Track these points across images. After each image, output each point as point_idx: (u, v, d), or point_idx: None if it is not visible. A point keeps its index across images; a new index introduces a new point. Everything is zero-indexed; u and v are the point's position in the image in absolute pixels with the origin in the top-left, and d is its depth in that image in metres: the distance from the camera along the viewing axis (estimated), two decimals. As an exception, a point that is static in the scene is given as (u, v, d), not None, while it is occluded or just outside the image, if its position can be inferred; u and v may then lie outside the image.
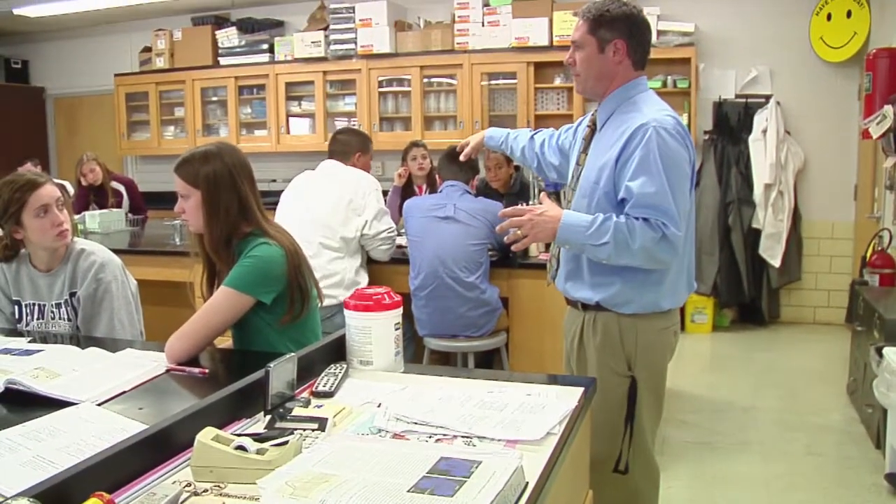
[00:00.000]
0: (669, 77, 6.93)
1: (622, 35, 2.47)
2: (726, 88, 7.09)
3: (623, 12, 2.47)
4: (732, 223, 6.86)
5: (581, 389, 1.97)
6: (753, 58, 7.05)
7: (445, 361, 4.53)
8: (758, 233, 6.85)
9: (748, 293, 6.92)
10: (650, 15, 6.81)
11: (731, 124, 7.01)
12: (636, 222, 2.34)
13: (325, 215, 4.19)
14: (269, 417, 1.76)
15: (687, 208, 2.44)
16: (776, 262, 6.83)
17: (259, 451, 1.48)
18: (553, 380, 2.14)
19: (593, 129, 2.64)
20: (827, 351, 6.24)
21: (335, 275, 4.11)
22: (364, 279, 4.29)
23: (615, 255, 2.36)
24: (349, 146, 4.52)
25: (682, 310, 6.67)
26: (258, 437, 1.55)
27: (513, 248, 2.55)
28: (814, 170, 7.04)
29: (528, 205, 2.78)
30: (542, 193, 2.58)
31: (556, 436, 1.67)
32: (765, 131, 6.80)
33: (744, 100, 7.00)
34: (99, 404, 1.98)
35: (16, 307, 3.06)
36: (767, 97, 6.93)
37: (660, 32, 6.87)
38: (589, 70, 2.53)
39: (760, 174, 6.77)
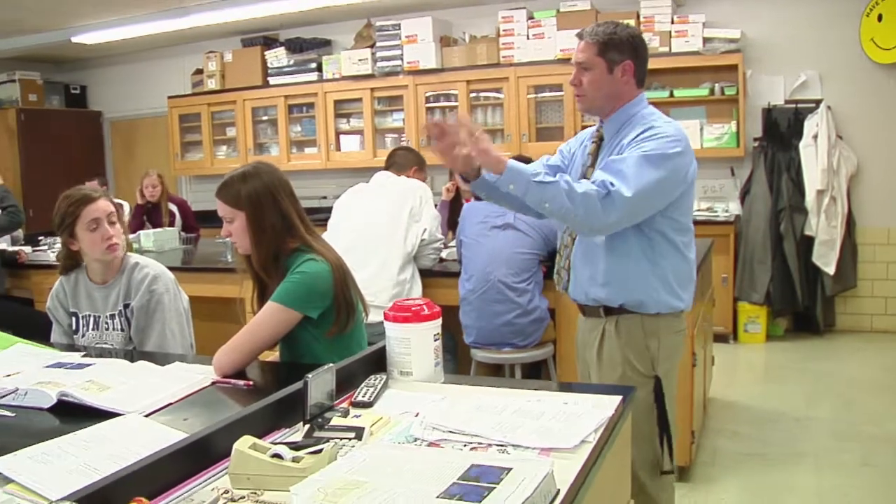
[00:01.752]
0: (717, 85, 6.87)
1: (630, 56, 2.58)
2: (775, 94, 7.01)
3: (629, 34, 2.60)
4: (784, 231, 6.76)
5: (619, 398, 1.95)
6: (802, 62, 6.95)
7: (493, 374, 4.53)
8: (811, 240, 6.74)
9: (802, 301, 6.80)
10: (695, 23, 6.82)
11: (781, 130, 6.91)
12: (585, 180, 2.49)
13: (387, 227, 4.30)
14: (307, 427, 1.80)
15: (657, 205, 2.51)
16: (830, 270, 6.71)
17: (295, 459, 1.51)
18: (591, 388, 2.14)
19: (599, 143, 2.72)
20: (885, 360, 6.13)
21: (397, 285, 4.22)
22: (419, 289, 4.37)
23: (558, 198, 2.36)
24: (407, 160, 4.75)
25: (735, 319, 6.70)
26: (294, 446, 1.59)
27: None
28: (867, 174, 6.91)
29: None
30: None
31: (591, 444, 1.67)
32: (815, 136, 6.70)
33: (793, 105, 6.91)
34: (146, 415, 2.04)
35: (73, 319, 3.16)
36: (818, 102, 6.83)
37: (706, 40, 6.84)
38: (598, 91, 2.61)
39: (812, 180, 6.66)
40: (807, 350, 6.61)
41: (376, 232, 4.30)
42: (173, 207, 7.40)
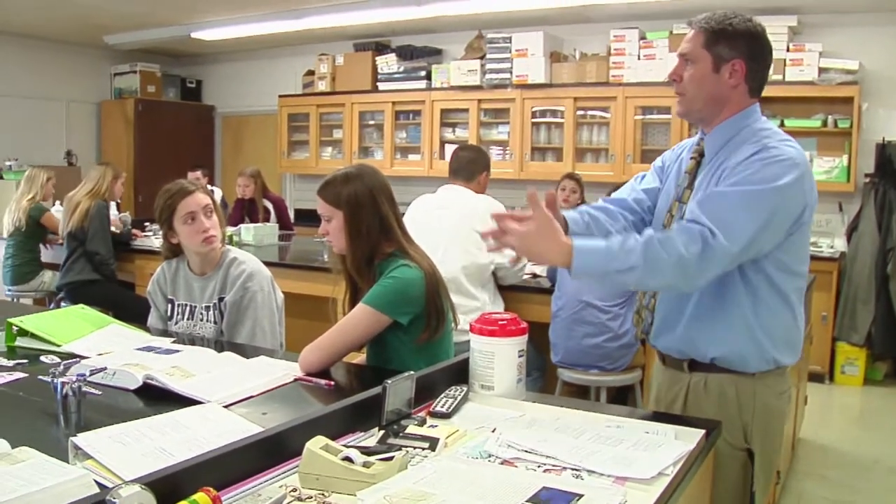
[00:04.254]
0: (830, 116, 6.64)
1: (742, 55, 2.10)
2: (891, 129, 6.70)
3: (747, 28, 2.11)
4: (891, 271, 6.48)
5: (702, 432, 1.88)
6: (923, 98, 6.66)
7: (579, 396, 4.47)
8: (919, 282, 6.46)
9: (905, 346, 6.53)
10: (811, 52, 6.61)
11: (895, 168, 6.63)
12: (671, 232, 1.98)
13: (453, 249, 3.97)
14: (382, 433, 1.80)
15: (765, 248, 2.03)
16: (938, 315, 6.42)
17: (365, 464, 1.51)
18: (675, 419, 2.06)
19: (700, 159, 2.24)
20: None
21: (475, 311, 3.89)
22: (500, 306, 4.24)
23: (644, 281, 1.98)
24: (476, 165, 4.30)
25: (832, 360, 6.45)
26: (367, 451, 1.58)
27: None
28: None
29: None
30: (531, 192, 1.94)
31: (669, 477, 1.62)
32: (931, 175, 6.41)
33: (910, 142, 6.62)
34: (226, 406, 2.07)
35: (169, 305, 3.24)
36: (937, 140, 6.53)
37: (821, 70, 6.63)
38: (699, 90, 2.14)
39: (924, 221, 6.40)
40: (908, 398, 6.33)
41: (443, 247, 3.91)
42: (269, 204, 7.56)
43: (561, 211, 2.22)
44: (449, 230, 4.01)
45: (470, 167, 4.29)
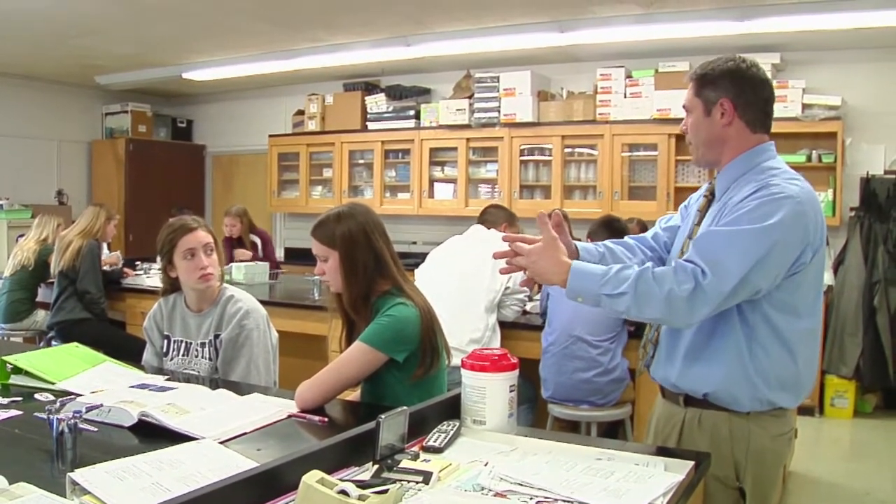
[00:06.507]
0: (814, 151, 6.72)
1: (727, 93, 2.16)
2: (875, 164, 6.80)
3: (726, 68, 2.17)
4: (878, 304, 6.53)
5: (691, 463, 1.90)
6: (906, 132, 6.75)
7: (569, 431, 4.49)
8: (906, 315, 6.51)
9: (893, 378, 6.54)
10: (795, 88, 6.69)
11: (880, 201, 6.69)
12: (667, 269, 2.03)
13: (472, 271, 4.37)
14: (376, 467, 1.82)
15: (762, 286, 2.03)
16: (925, 347, 6.46)
17: (360, 498, 1.52)
18: (665, 452, 2.08)
19: (710, 198, 2.31)
20: (982, 446, 5.84)
21: (477, 330, 4.26)
22: (497, 340, 4.36)
23: (633, 309, 2.01)
24: (497, 217, 4.91)
25: (822, 393, 6.48)
26: (362, 484, 1.60)
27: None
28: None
29: None
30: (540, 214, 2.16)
31: (659, 508, 1.64)
32: (916, 208, 6.48)
33: (894, 175, 6.69)
34: (221, 442, 2.09)
35: (165, 341, 3.27)
36: (920, 174, 6.61)
37: (805, 106, 6.72)
38: (698, 136, 2.24)
39: (910, 254, 6.46)
40: (897, 429, 6.35)
41: (461, 272, 4.39)
42: (256, 240, 7.61)
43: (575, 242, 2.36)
44: (470, 257, 4.45)
45: (492, 217, 4.88)
